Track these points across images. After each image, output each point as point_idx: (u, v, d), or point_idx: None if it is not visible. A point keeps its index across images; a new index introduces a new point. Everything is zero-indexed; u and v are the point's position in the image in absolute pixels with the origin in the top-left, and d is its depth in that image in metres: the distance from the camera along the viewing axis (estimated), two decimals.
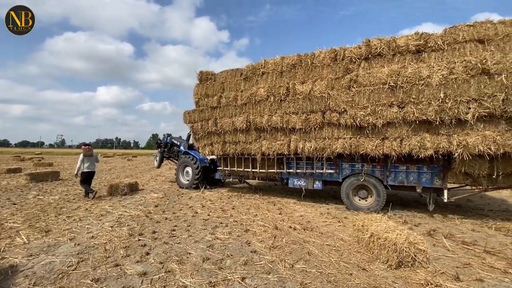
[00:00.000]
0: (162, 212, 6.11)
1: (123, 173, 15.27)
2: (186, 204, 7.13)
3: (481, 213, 6.63)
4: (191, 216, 5.87)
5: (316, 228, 5.15)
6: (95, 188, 8.27)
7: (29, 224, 4.97)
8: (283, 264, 3.46)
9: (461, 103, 5.20)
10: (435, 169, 6.05)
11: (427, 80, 5.47)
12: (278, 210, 6.55)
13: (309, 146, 6.69)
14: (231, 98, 7.86)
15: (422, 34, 5.81)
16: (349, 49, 6.49)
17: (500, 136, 4.97)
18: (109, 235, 4.44)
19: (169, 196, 8.17)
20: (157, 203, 7.11)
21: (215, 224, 5.22)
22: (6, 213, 5.73)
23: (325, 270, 3.34)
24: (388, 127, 5.91)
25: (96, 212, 5.96)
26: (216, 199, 7.91)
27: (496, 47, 5.28)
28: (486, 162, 5.23)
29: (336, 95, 6.35)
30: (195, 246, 4.07)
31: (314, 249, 4.04)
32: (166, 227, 5.00)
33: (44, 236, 4.37)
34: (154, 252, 3.80)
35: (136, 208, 6.49)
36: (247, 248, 4.01)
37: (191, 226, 5.10)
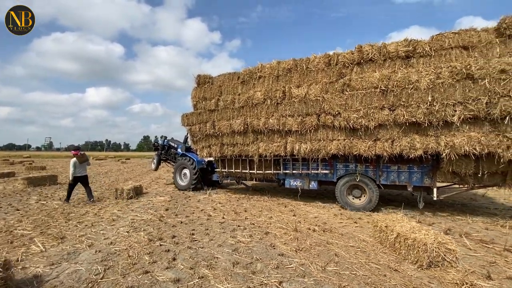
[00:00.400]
0: (175, 216, 6.04)
1: (121, 176, 15.20)
2: (196, 207, 7.08)
3: (488, 211, 6.87)
4: (205, 219, 5.81)
5: (334, 229, 5.17)
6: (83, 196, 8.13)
7: (41, 231, 4.83)
8: (315, 267, 3.43)
9: (447, 106, 5.51)
10: (424, 168, 6.35)
11: (416, 84, 5.76)
12: (291, 212, 6.55)
13: (305, 147, 6.93)
14: (228, 101, 8.06)
15: (411, 41, 6.12)
16: (342, 55, 6.78)
17: (485, 137, 5.29)
18: (128, 241, 4.35)
19: (176, 199, 8.11)
20: (167, 206, 7.07)
21: (232, 227, 5.17)
22: (13, 220, 5.57)
23: (357, 272, 3.32)
24: (380, 129, 6.18)
25: (107, 217, 5.85)
26: (225, 201, 7.88)
27: (480, 53, 5.61)
28: (472, 161, 5.54)
29: (330, 99, 6.61)
30: (220, 250, 4.01)
31: (340, 250, 4.04)
32: (184, 231, 4.93)
33: (60, 243, 4.25)
34: (180, 257, 3.72)
35: (146, 212, 6.40)
36: (273, 251, 3.98)
37: (209, 229, 5.04)
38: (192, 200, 8.10)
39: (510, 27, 5.37)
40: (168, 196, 8.55)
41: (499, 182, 5.71)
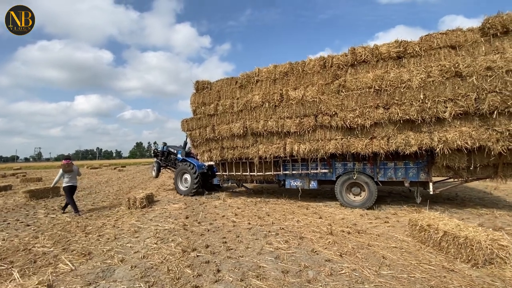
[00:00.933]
0: (199, 224, 5.87)
1: (123, 184, 14.98)
2: (216, 213, 6.90)
3: (508, 204, 7.01)
4: (231, 226, 5.65)
5: (367, 230, 5.07)
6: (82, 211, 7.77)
7: (62, 247, 4.57)
8: (368, 272, 3.33)
9: (439, 103, 5.77)
10: (420, 164, 6.58)
11: (408, 83, 6.03)
12: (316, 215, 6.44)
13: (304, 148, 7.12)
14: (227, 105, 8.25)
15: (401, 42, 6.41)
16: (337, 57, 7.04)
17: (475, 131, 5.54)
18: (160, 253, 4.16)
19: (192, 206, 7.92)
20: (185, 214, 6.87)
21: (263, 233, 5.03)
22: (27, 236, 5.25)
23: (415, 275, 3.22)
24: (376, 127, 6.42)
25: (127, 229, 5.65)
26: (243, 206, 7.72)
27: (467, 52, 5.91)
28: (464, 155, 5.79)
29: (326, 100, 6.84)
30: (261, 258, 3.86)
31: (385, 252, 3.93)
32: (215, 239, 4.78)
33: (88, 259, 4.02)
34: (224, 268, 3.57)
35: (166, 221, 6.20)
36: (317, 257, 3.86)
37: (240, 236, 4.88)
38: (208, 206, 7.97)
39: (493, 27, 5.68)
40: (182, 203, 8.37)
41: (491, 174, 5.96)
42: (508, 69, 5.32)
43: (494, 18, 5.71)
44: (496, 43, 5.69)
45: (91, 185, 14.72)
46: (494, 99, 5.37)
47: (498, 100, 5.36)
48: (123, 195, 10.61)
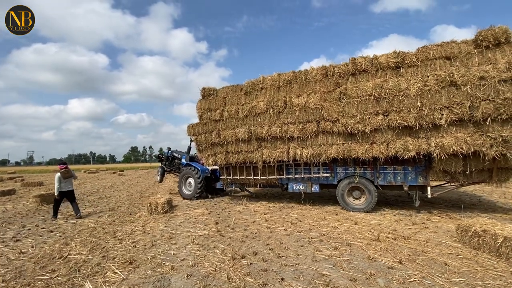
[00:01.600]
0: (232, 230, 5.77)
1: (130, 189, 14.79)
2: (244, 219, 6.80)
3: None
4: (268, 232, 5.54)
5: (411, 236, 5.03)
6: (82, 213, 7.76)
7: (102, 255, 4.41)
8: (439, 280, 3.26)
9: (435, 110, 6.08)
10: (418, 169, 6.85)
11: (406, 92, 6.36)
12: (349, 220, 6.37)
13: (306, 152, 7.40)
14: (232, 111, 8.57)
15: (399, 53, 6.77)
16: (338, 66, 7.40)
17: (470, 137, 5.84)
18: (209, 261, 4.04)
19: (216, 212, 7.84)
20: (212, 219, 6.78)
21: (306, 240, 4.94)
22: (57, 243, 5.10)
23: (489, 282, 3.18)
24: (376, 133, 6.72)
25: (159, 235, 5.52)
26: (268, 211, 7.63)
27: (461, 63, 6.26)
28: (460, 160, 6.07)
29: (328, 106, 7.16)
30: (319, 266, 3.77)
31: (444, 259, 3.89)
32: (258, 246, 4.68)
33: (135, 268, 3.87)
34: (286, 276, 3.47)
35: (196, 226, 6.11)
36: (376, 264, 3.77)
37: (283, 243, 4.77)
38: (232, 211, 7.87)
39: (486, 39, 6.04)
40: (204, 208, 8.27)
41: (486, 178, 6.24)
42: (500, 79, 5.66)
43: (487, 31, 6.07)
44: (488, 54, 6.04)
45: (97, 189, 14.83)
46: (487, 107, 5.69)
47: (491, 108, 5.67)
48: (136, 199, 10.67)
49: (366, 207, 7.22)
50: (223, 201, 9.79)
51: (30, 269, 3.94)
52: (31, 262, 4.21)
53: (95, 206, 9.20)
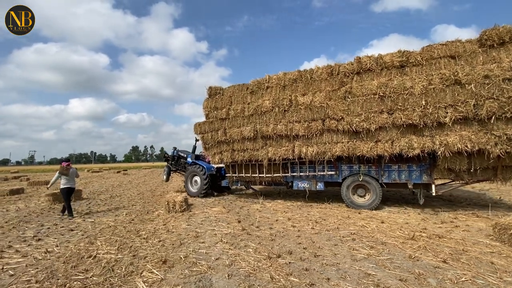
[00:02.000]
0: (257, 228, 5.69)
1: (139, 188, 14.80)
2: (266, 217, 6.70)
3: None
4: (295, 230, 5.46)
5: (445, 234, 4.97)
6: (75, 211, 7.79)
7: (132, 255, 4.30)
8: (492, 279, 3.22)
9: (439, 109, 6.15)
10: (423, 167, 6.91)
11: (411, 90, 6.43)
12: (374, 219, 6.27)
13: (312, 150, 7.50)
14: (239, 110, 8.72)
15: (404, 52, 6.85)
16: (343, 65, 7.50)
17: (474, 135, 5.90)
18: (244, 260, 3.93)
19: (234, 210, 7.81)
20: (233, 218, 6.69)
21: (337, 239, 4.86)
22: (81, 242, 5.01)
23: None
24: (380, 131, 6.80)
25: (184, 233, 5.43)
26: (287, 210, 7.59)
27: (465, 62, 6.32)
28: (465, 158, 6.12)
29: (333, 105, 7.27)
30: (361, 265, 3.68)
31: (489, 258, 3.83)
32: (290, 245, 4.58)
33: (170, 267, 3.77)
34: (331, 276, 3.36)
35: (219, 225, 6.03)
36: (420, 263, 3.70)
37: (315, 242, 4.67)
38: (250, 209, 7.81)
39: (490, 39, 6.10)
40: (221, 207, 8.22)
41: (491, 176, 6.28)
42: (505, 77, 5.71)
43: (491, 30, 6.13)
44: (493, 53, 6.10)
45: (106, 188, 14.98)
46: (492, 105, 5.74)
47: (495, 106, 5.72)
48: (149, 198, 10.69)
49: (370, 205, 7.30)
50: (238, 199, 9.76)
51: (61, 269, 3.83)
52: (60, 261, 4.09)
53: (109, 205, 9.22)
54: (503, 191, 10.10)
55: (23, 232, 5.90)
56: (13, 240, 5.24)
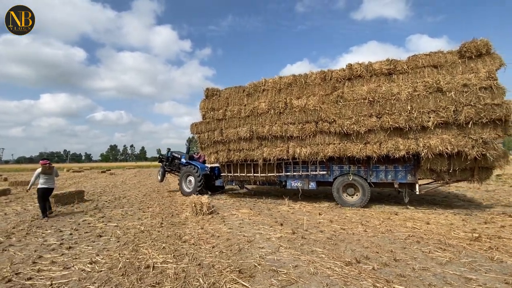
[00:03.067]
0: (306, 231, 5.43)
1: (142, 188, 14.22)
2: (306, 219, 6.36)
3: None
4: (350, 233, 5.23)
5: (501, 235, 4.93)
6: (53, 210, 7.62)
7: (197, 263, 3.92)
8: None
9: (423, 114, 6.68)
10: (407, 167, 7.42)
11: (397, 96, 6.95)
12: (419, 220, 6.17)
13: (305, 151, 7.90)
14: (235, 111, 9.04)
15: (391, 60, 7.38)
16: (335, 71, 7.97)
17: (454, 138, 6.45)
18: (324, 266, 3.69)
19: (264, 212, 7.48)
20: (270, 220, 6.39)
21: (400, 241, 4.72)
22: (123, 250, 4.57)
23: None
24: (369, 133, 7.27)
25: (234, 238, 5.06)
26: (319, 211, 7.34)
27: (446, 71, 6.88)
28: (445, 159, 6.66)
29: (326, 108, 7.70)
30: (453, 269, 3.54)
31: None
32: (357, 248, 4.37)
33: (251, 277, 3.49)
34: (434, 282, 3.19)
35: (262, 228, 5.72)
36: (507, 265, 3.65)
37: (381, 246, 4.48)
38: (281, 211, 7.50)
39: (469, 51, 6.69)
40: (247, 208, 7.92)
41: (469, 176, 6.84)
42: (481, 86, 6.30)
43: (470, 43, 6.72)
44: (471, 64, 6.69)
45: (102, 189, 14.26)
46: (470, 111, 6.31)
47: (473, 112, 6.29)
48: (159, 199, 10.29)
49: (359, 203, 7.74)
50: (260, 201, 9.33)
51: (126, 283, 3.39)
52: (115, 274, 3.65)
53: (120, 207, 8.57)
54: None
55: (44, 239, 5.25)
56: (38, 249, 4.66)
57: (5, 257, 4.33)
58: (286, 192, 10.78)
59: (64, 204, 8.95)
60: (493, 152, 6.22)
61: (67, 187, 14.68)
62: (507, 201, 8.49)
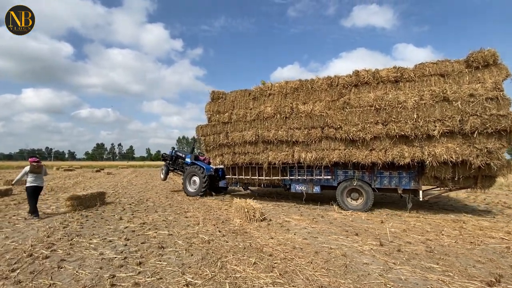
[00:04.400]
0: (392, 242, 5.06)
1: (155, 190, 13.62)
2: (373, 228, 6.08)
3: None
4: (444, 245, 4.88)
5: None
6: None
7: (318, 285, 3.40)
8: None
9: (429, 122, 6.76)
10: (411, 174, 7.53)
11: (404, 104, 7.01)
12: (473, 225, 6.22)
13: (310, 156, 7.98)
14: (241, 114, 9.09)
15: (398, 68, 7.43)
16: (342, 77, 8.01)
17: (459, 147, 6.54)
18: (452, 285, 3.40)
19: (319, 219, 7.02)
20: (336, 229, 5.98)
21: (498, 252, 4.60)
22: (205, 264, 4.03)
23: None
24: (375, 140, 7.35)
25: (324, 251, 4.60)
26: (379, 219, 6.95)
27: (453, 80, 6.95)
28: (449, 167, 6.77)
29: (332, 114, 7.77)
30: None
31: None
32: (472, 263, 4.08)
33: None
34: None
35: (338, 239, 5.26)
36: None
37: (495, 260, 4.21)
38: (337, 218, 7.12)
39: (476, 61, 6.74)
40: (296, 215, 7.43)
41: (472, 184, 6.96)
42: (488, 97, 6.37)
43: (477, 53, 6.77)
44: (478, 74, 6.75)
45: (114, 190, 13.23)
46: (475, 121, 6.39)
47: (478, 122, 6.37)
48: (188, 202, 9.67)
49: (363, 208, 7.86)
50: (307, 207, 8.67)
51: None
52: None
53: (152, 211, 7.85)
54: None
55: (97, 251, 4.55)
56: (103, 266, 3.95)
57: (69, 277, 3.58)
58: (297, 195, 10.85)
59: (86, 207, 8.10)
60: (497, 161, 6.32)
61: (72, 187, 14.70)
62: None
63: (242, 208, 6.84)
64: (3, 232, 5.63)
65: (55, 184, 15.62)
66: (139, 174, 27.16)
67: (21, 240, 5.10)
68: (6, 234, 5.49)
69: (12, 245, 4.84)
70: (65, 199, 7.92)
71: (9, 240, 5.09)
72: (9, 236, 5.35)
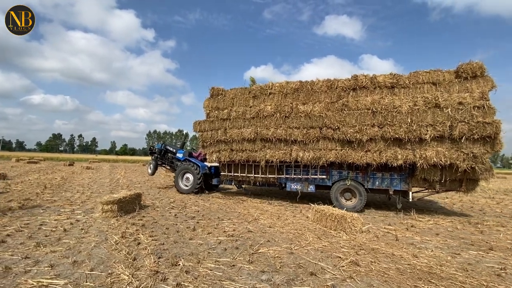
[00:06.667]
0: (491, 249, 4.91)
1: (158, 187, 12.84)
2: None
3: None
4: None
5: None
6: None
7: None
8: None
9: (422, 127, 7.19)
10: (402, 175, 7.92)
11: (399, 109, 7.41)
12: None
13: (308, 155, 8.20)
14: (240, 112, 9.18)
15: (395, 75, 7.85)
16: (341, 81, 8.34)
17: (447, 151, 7.00)
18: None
19: (388, 237, 5.68)
20: (433, 241, 5.30)
21: None
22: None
23: None
24: (371, 142, 7.69)
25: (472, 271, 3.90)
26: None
27: (444, 89, 7.44)
28: (438, 170, 7.21)
29: (331, 115, 8.05)
30: None
31: None
32: None
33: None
34: None
35: (435, 248, 4.86)
36: None
37: None
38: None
39: (465, 72, 7.27)
40: (385, 224, 6.71)
41: (457, 187, 7.44)
42: (475, 105, 6.89)
43: (466, 65, 7.31)
44: (466, 84, 7.27)
45: (114, 186, 12.20)
46: (463, 128, 6.88)
47: (466, 129, 6.87)
48: (232, 205, 8.57)
49: (356, 208, 8.15)
50: (381, 213, 8.13)
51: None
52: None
53: (206, 217, 6.72)
54: None
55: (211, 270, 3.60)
56: None
57: None
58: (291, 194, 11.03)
59: (126, 212, 6.67)
60: (481, 166, 6.82)
61: (69, 184, 13.91)
62: None
63: (332, 216, 5.80)
64: None
65: (41, 181, 12.92)
66: (126, 169, 24.58)
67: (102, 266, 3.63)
68: None
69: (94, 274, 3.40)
70: (103, 203, 6.36)
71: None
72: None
